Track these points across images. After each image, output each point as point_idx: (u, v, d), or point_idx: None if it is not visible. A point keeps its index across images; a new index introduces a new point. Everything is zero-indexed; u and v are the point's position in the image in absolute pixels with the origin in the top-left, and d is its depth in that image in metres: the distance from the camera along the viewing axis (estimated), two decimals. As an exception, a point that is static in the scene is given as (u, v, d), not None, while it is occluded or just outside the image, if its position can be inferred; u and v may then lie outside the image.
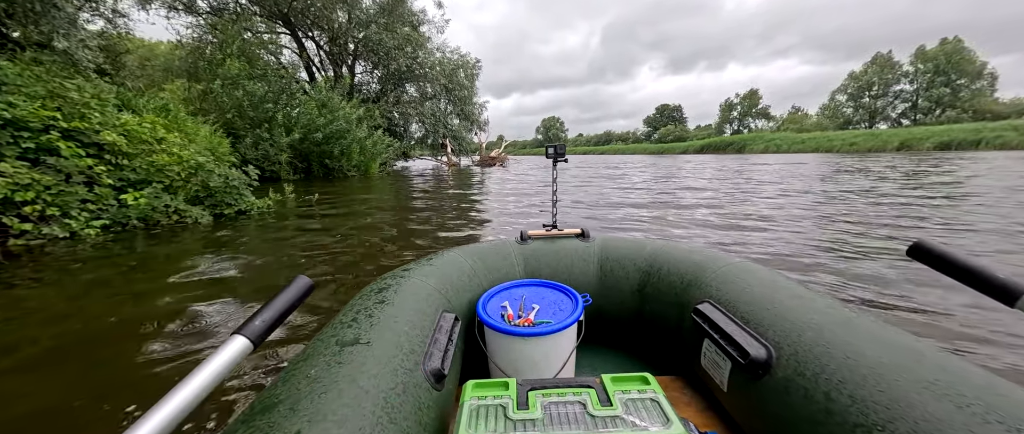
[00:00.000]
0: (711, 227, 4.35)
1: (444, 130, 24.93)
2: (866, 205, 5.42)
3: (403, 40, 20.04)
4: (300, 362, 0.67)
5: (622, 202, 6.27)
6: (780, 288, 0.91)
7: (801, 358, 0.70)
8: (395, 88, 22.29)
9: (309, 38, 21.58)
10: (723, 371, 0.85)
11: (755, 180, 9.71)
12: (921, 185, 7.52)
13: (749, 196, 6.73)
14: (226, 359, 0.41)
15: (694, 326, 0.96)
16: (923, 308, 2.09)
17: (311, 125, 11.06)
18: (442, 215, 5.16)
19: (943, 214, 4.60)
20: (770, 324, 0.80)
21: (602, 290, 1.28)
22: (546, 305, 1.09)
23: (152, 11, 16.18)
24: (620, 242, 1.37)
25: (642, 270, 1.24)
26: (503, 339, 0.98)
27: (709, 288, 1.00)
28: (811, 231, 3.96)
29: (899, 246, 3.27)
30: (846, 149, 43.58)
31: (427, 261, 1.18)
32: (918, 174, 9.92)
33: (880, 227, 4.03)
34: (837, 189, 7.31)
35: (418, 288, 0.98)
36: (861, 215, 4.71)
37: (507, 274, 1.28)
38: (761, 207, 5.56)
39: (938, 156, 22.32)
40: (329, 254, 3.31)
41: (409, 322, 0.82)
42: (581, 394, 0.69)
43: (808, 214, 4.92)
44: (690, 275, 1.10)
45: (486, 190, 8.57)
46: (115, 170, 3.91)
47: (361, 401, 0.58)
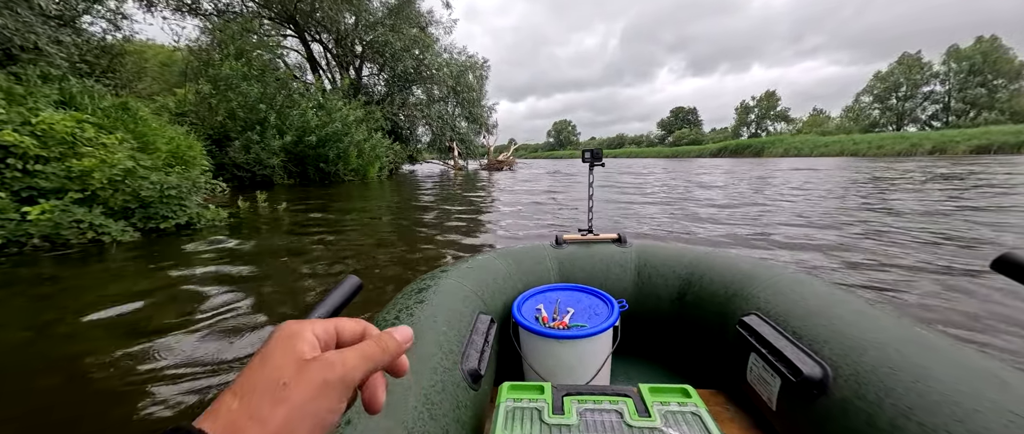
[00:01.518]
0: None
1: (451, 133, 24.33)
2: (927, 213, 4.85)
3: (410, 41, 19.53)
4: None
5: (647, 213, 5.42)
6: (838, 302, 0.83)
7: (863, 379, 0.64)
8: (401, 90, 21.76)
9: (316, 41, 21.31)
10: (772, 388, 0.79)
11: (795, 188, 8.66)
12: (980, 189, 6.47)
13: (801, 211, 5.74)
14: None
15: (739, 339, 0.90)
16: (1009, 328, 1.82)
17: (305, 127, 10.43)
18: (428, 235, 4.34)
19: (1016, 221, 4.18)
20: (826, 340, 0.74)
21: (639, 297, 1.25)
22: (581, 309, 1.07)
23: (157, 13, 16.16)
24: (659, 248, 1.34)
25: (682, 278, 1.19)
26: (538, 341, 0.98)
27: (756, 299, 0.94)
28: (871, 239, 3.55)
29: (977, 258, 2.93)
30: (873, 153, 41.67)
31: (463, 263, 1.18)
32: (969, 176, 8.73)
33: (945, 236, 3.65)
34: (895, 197, 6.27)
35: (455, 289, 0.99)
36: (927, 223, 4.27)
37: (541, 278, 1.27)
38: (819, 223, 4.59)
39: (980, 160, 20.75)
40: (245, 289, 2.51)
41: (447, 322, 0.84)
42: (618, 403, 0.69)
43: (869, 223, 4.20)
44: (735, 285, 1.03)
45: (488, 199, 7.73)
46: (25, 176, 3.23)
47: (405, 396, 0.60)
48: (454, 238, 4.07)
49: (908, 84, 58.18)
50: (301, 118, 10.43)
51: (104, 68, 12.36)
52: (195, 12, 16.00)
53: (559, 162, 53.35)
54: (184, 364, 1.64)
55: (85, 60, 11.58)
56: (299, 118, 10.41)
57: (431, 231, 4.47)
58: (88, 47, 11.74)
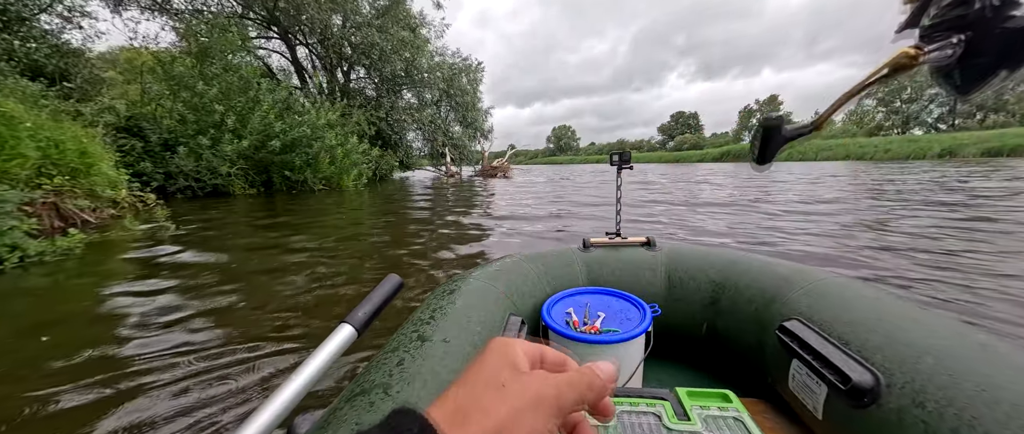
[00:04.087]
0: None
1: (443, 138, 23.29)
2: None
3: (398, 43, 18.58)
4: (388, 352, 0.72)
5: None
6: (888, 307, 0.78)
7: (920, 387, 0.60)
8: (390, 94, 20.78)
9: (301, 44, 20.42)
10: (817, 397, 0.74)
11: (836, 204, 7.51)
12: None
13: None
14: (337, 344, 0.46)
15: (780, 345, 0.86)
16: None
17: (267, 131, 9.34)
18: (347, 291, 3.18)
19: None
20: (877, 347, 0.69)
21: (670, 301, 1.22)
22: (612, 314, 1.06)
23: (124, 13, 15.21)
24: (690, 251, 1.31)
25: (715, 282, 1.16)
26: (569, 346, 0.95)
27: (797, 304, 0.90)
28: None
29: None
30: (880, 157, 40.55)
31: (492, 265, 1.18)
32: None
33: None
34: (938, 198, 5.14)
35: (486, 291, 1.00)
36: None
37: (570, 281, 1.26)
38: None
39: (996, 163, 19.62)
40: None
41: (480, 322, 0.85)
42: (655, 405, 0.69)
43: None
44: (773, 289, 0.99)
45: (473, 216, 6.59)
46: None
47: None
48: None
49: (913, 87, 57.23)
50: (262, 121, 9.33)
51: (58, 71, 11.34)
52: (165, 11, 15.09)
53: (559, 168, 52.21)
54: None
55: (32, 59, 10.57)
56: (260, 121, 9.32)
57: (339, 267, 3.33)
58: (37, 46, 10.75)
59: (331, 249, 3.76)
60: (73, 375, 1.54)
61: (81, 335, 1.92)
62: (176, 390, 1.44)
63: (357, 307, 0.49)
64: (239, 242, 4.13)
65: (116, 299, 2.41)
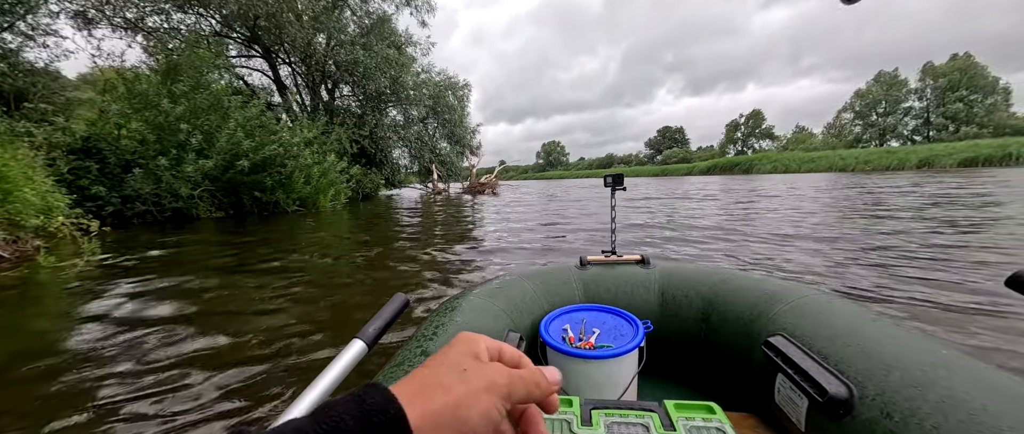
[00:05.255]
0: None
1: (430, 155, 22.92)
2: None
3: (382, 61, 18.36)
4: (394, 367, 0.75)
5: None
6: (864, 322, 0.82)
7: (888, 399, 0.64)
8: (374, 111, 20.45)
9: (284, 62, 20.07)
10: (800, 409, 0.77)
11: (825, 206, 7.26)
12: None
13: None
14: (348, 359, 0.47)
15: (766, 360, 0.88)
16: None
17: (235, 150, 8.81)
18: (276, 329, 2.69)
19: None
20: (851, 361, 0.73)
21: (663, 318, 1.24)
22: (607, 330, 1.09)
23: (97, 32, 14.70)
24: (682, 269, 1.33)
25: (706, 299, 1.19)
26: (565, 360, 0.98)
27: (782, 320, 0.93)
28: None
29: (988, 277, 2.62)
30: (860, 168, 41.43)
31: (491, 283, 1.21)
32: (968, 193, 7.44)
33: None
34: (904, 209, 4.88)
35: (486, 308, 1.03)
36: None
37: (567, 298, 1.28)
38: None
39: (972, 173, 19.99)
40: None
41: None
42: (644, 417, 0.71)
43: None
44: (760, 306, 1.02)
45: (449, 242, 6.14)
46: None
47: None
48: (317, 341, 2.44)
49: (887, 101, 59.26)
50: (230, 139, 8.81)
51: (14, 91, 10.72)
52: (138, 29, 14.64)
53: (549, 183, 52.15)
54: None
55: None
56: (228, 140, 8.80)
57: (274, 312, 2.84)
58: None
59: (279, 283, 3.26)
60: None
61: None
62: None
63: (368, 324, 0.51)
64: (172, 276, 3.60)
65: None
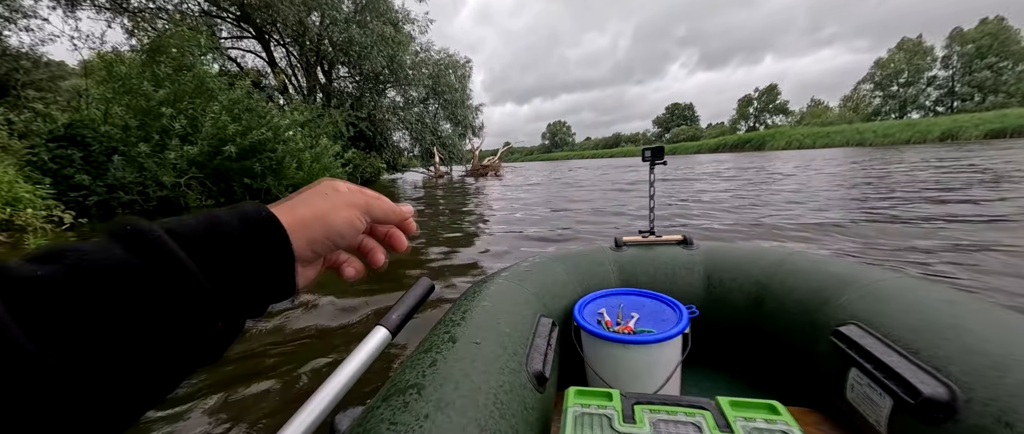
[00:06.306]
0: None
1: (431, 137, 22.34)
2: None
3: (377, 38, 17.59)
4: (421, 353, 0.71)
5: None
6: (965, 311, 0.70)
7: (1005, 404, 0.54)
8: (372, 93, 19.82)
9: (278, 43, 19.41)
10: (881, 410, 0.69)
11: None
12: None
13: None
14: (372, 347, 0.48)
15: (835, 352, 0.79)
16: None
17: (220, 135, 8.40)
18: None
19: None
20: (951, 357, 0.63)
21: (709, 302, 1.15)
22: (646, 314, 1.02)
23: (81, 12, 14.18)
24: (730, 250, 1.24)
25: (758, 282, 1.09)
26: (602, 346, 0.94)
27: (854, 307, 0.83)
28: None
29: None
30: (879, 142, 39.82)
31: (520, 266, 1.16)
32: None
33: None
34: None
35: (516, 292, 0.99)
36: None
37: (601, 282, 1.21)
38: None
39: (1004, 145, 18.84)
40: None
41: (510, 325, 0.84)
42: (694, 415, 0.65)
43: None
44: (827, 290, 0.91)
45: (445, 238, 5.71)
46: None
47: (475, 394, 0.61)
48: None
49: (910, 70, 56.50)
50: (215, 124, 8.39)
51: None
52: (123, 10, 14.09)
53: (556, 164, 51.19)
54: None
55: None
56: (213, 124, 8.37)
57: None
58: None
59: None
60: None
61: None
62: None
63: (391, 310, 0.51)
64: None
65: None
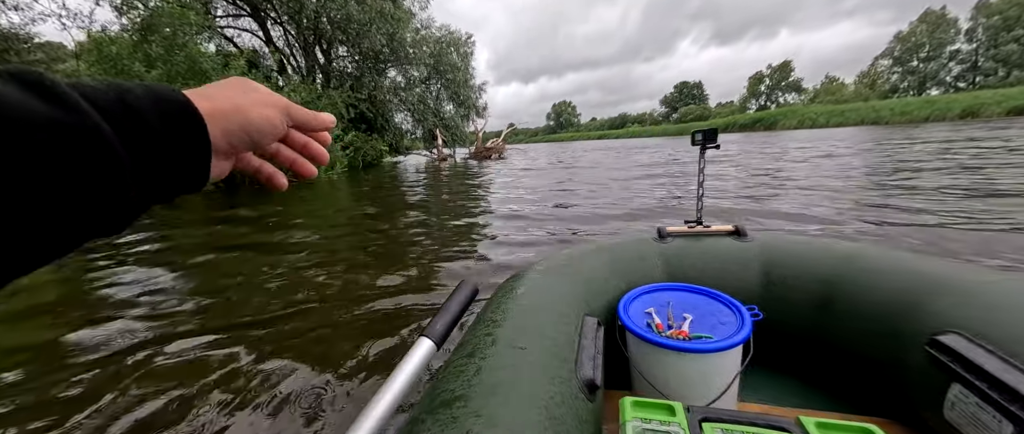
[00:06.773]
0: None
1: (433, 119, 21.86)
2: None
3: (376, 14, 16.98)
4: (463, 357, 0.68)
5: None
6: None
7: None
8: (372, 72, 19.31)
9: (275, 22, 18.85)
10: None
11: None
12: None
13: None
14: (417, 360, 0.45)
15: (930, 363, 0.71)
16: None
17: (215, 117, 8.18)
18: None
19: None
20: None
21: (768, 301, 1.05)
22: (700, 316, 0.94)
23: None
24: (792, 242, 1.12)
25: (826, 280, 0.99)
26: (653, 352, 0.86)
27: (954, 313, 0.72)
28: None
29: None
30: (897, 120, 38.49)
31: (557, 258, 1.10)
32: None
33: None
34: None
35: (556, 288, 0.93)
36: None
37: (646, 276, 1.12)
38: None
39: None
40: None
41: (554, 326, 0.79)
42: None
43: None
44: (915, 292, 0.81)
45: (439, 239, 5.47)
46: None
47: (526, 408, 0.58)
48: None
49: (931, 44, 54.16)
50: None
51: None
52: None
53: (562, 145, 50.29)
54: None
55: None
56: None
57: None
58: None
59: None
60: None
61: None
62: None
63: (434, 319, 0.47)
64: (151, 266, 3.09)
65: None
